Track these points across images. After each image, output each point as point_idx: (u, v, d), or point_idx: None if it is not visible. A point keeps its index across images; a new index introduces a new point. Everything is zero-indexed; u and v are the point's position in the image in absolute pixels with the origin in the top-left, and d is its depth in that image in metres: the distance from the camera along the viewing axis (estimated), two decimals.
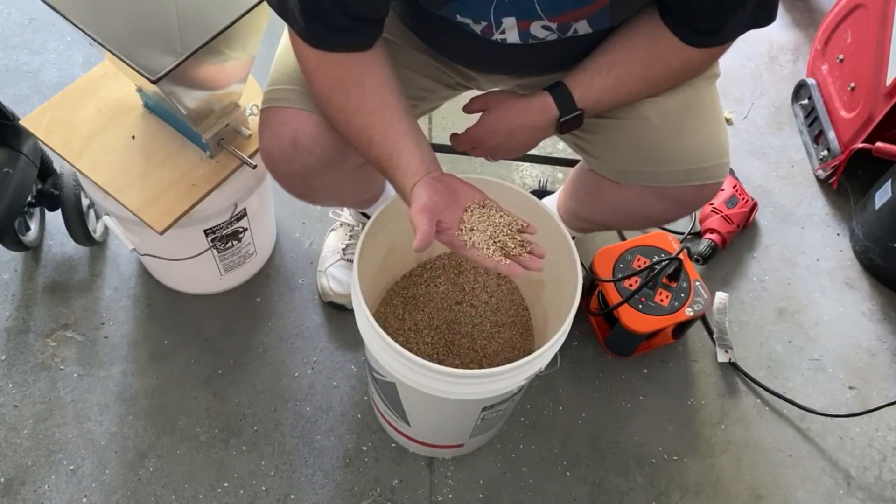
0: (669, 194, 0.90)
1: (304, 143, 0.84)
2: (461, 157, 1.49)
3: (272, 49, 0.89)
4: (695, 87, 0.88)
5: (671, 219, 0.98)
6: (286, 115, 0.84)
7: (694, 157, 0.87)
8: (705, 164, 0.87)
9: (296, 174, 0.87)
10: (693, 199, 0.91)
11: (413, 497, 1.13)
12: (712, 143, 0.88)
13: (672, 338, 1.28)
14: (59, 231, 1.29)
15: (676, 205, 0.92)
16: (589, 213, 1.05)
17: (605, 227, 1.10)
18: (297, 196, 0.94)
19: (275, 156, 0.86)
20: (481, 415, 0.96)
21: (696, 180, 0.88)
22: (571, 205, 1.11)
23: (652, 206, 0.93)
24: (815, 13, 1.82)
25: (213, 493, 1.11)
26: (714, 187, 0.90)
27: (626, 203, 0.95)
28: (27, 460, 1.12)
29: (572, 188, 1.10)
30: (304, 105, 0.84)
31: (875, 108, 1.40)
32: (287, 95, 0.85)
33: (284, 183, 0.91)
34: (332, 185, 0.91)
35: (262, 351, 1.24)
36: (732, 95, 1.67)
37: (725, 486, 1.18)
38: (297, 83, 0.85)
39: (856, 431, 1.24)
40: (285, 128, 0.84)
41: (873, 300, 1.40)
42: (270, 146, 0.86)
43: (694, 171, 0.87)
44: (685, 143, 0.86)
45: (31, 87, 1.51)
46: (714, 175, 0.88)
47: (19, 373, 1.19)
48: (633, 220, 1.01)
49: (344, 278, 1.25)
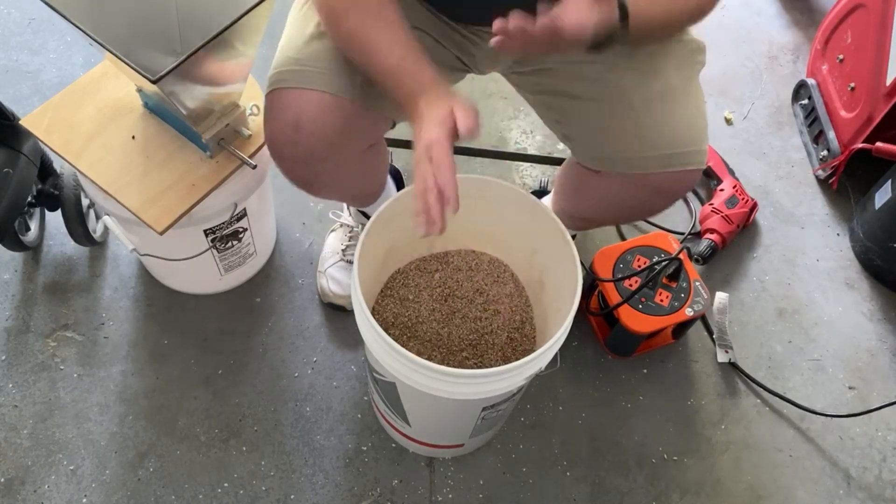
0: (648, 183, 0.91)
1: (307, 126, 0.84)
2: (461, 157, 1.49)
3: (272, 49, 0.89)
4: (679, 73, 0.89)
5: (653, 209, 0.98)
6: (289, 98, 0.85)
7: (672, 142, 0.88)
8: (683, 150, 0.88)
9: (300, 158, 0.87)
10: (671, 187, 0.92)
11: (413, 497, 1.13)
12: (691, 130, 0.89)
13: (672, 338, 1.28)
14: (59, 231, 1.29)
15: (655, 193, 0.93)
16: (577, 208, 1.07)
17: (594, 221, 1.12)
18: (300, 185, 0.94)
19: (279, 140, 0.87)
20: (481, 415, 0.96)
21: (674, 166, 0.89)
22: (561, 203, 1.13)
23: (632, 197, 0.94)
24: (815, 13, 1.82)
25: (213, 494, 1.11)
26: (692, 175, 0.91)
27: (608, 194, 0.96)
28: (27, 460, 1.12)
29: (560, 186, 1.11)
30: (306, 83, 0.84)
31: (875, 108, 1.40)
32: (289, 76, 0.85)
33: (289, 169, 0.91)
34: (335, 171, 0.90)
35: (262, 351, 1.24)
36: (732, 95, 1.67)
37: (725, 486, 1.18)
38: (299, 63, 0.85)
39: (856, 431, 1.24)
40: (288, 112, 0.85)
41: (873, 300, 1.40)
42: (274, 131, 0.87)
43: (673, 157, 0.88)
44: (664, 127, 0.88)
45: (31, 87, 1.51)
46: (692, 161, 0.89)
47: (19, 373, 1.19)
48: (617, 212, 1.02)
49: (343, 279, 1.25)
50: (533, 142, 1.54)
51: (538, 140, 1.55)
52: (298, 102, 0.84)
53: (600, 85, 0.89)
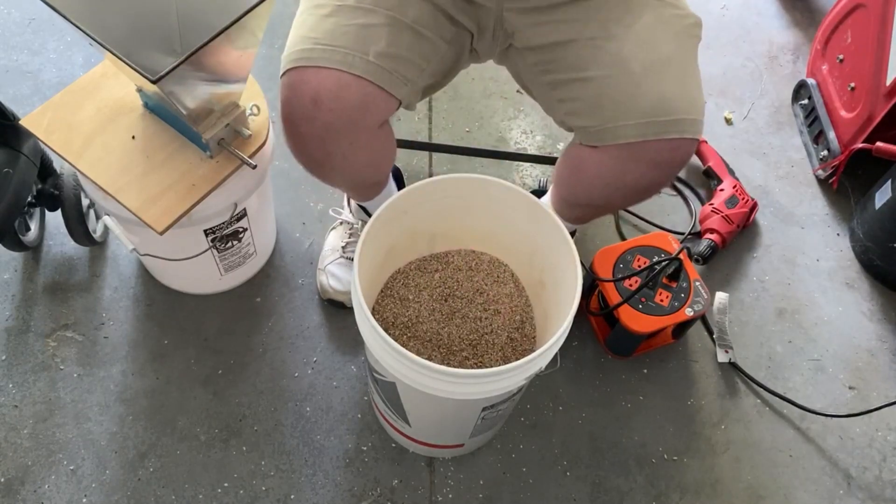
0: (645, 154, 0.91)
1: (325, 101, 0.85)
2: (461, 157, 1.49)
3: (272, 49, 0.89)
4: (678, 44, 0.90)
5: (649, 185, 0.98)
6: (307, 75, 0.86)
7: (671, 108, 0.89)
8: (680, 117, 0.89)
9: (316, 135, 0.88)
10: (668, 158, 0.92)
11: (413, 497, 1.13)
12: (688, 99, 0.90)
13: (672, 338, 1.28)
14: (59, 231, 1.29)
15: (652, 166, 0.93)
16: (574, 193, 1.07)
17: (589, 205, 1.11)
18: (312, 167, 0.95)
19: (296, 115, 0.88)
20: (481, 415, 0.97)
21: (671, 133, 0.89)
22: (560, 190, 1.13)
23: (629, 171, 0.94)
24: (815, 13, 1.82)
25: (213, 493, 1.11)
26: (688, 145, 0.91)
27: (604, 170, 0.96)
28: (27, 460, 1.12)
29: (557, 172, 1.12)
30: (324, 62, 0.85)
31: (875, 108, 1.40)
32: (306, 55, 0.86)
33: (303, 149, 0.92)
34: (349, 150, 0.91)
35: (262, 351, 1.24)
36: (732, 95, 1.67)
37: (725, 486, 1.18)
38: (316, 42, 0.86)
39: (856, 431, 1.24)
40: (306, 87, 0.86)
41: (873, 300, 1.40)
42: (291, 106, 0.87)
43: (670, 124, 0.89)
44: (664, 94, 0.89)
45: (31, 87, 1.51)
46: (688, 129, 0.90)
47: (19, 373, 1.19)
48: (613, 191, 1.01)
49: (343, 276, 1.25)
50: (533, 142, 1.54)
51: (538, 140, 1.55)
52: (318, 78, 0.85)
53: (601, 54, 0.90)
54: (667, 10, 0.91)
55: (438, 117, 1.55)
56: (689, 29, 0.93)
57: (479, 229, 1.08)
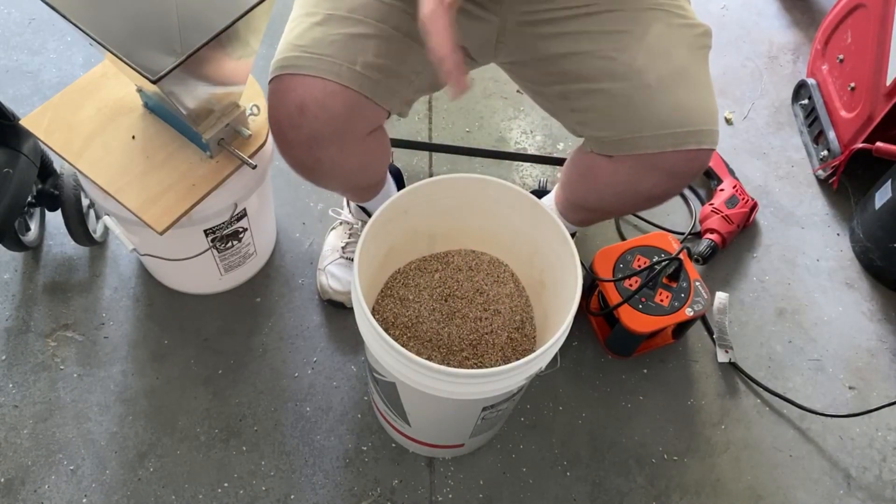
0: (661, 164, 0.91)
1: (312, 109, 0.85)
2: (461, 157, 1.49)
3: (272, 49, 0.89)
4: (690, 54, 0.90)
5: (662, 194, 0.98)
6: (293, 82, 0.86)
7: (688, 119, 0.88)
8: (698, 128, 0.89)
9: (303, 142, 0.88)
10: (684, 168, 0.92)
11: (413, 497, 1.13)
12: (704, 109, 0.90)
13: (672, 338, 1.28)
14: (59, 231, 1.29)
15: (668, 176, 0.93)
16: (582, 196, 1.06)
17: (598, 210, 1.11)
18: (303, 173, 0.95)
19: (282, 123, 0.87)
20: (481, 415, 0.97)
21: (689, 144, 0.89)
22: (566, 193, 1.12)
23: (644, 180, 0.94)
24: (815, 13, 1.82)
25: (213, 494, 1.11)
26: (704, 156, 0.91)
27: (618, 179, 0.96)
28: (27, 460, 1.12)
29: (565, 176, 1.11)
30: (310, 70, 0.85)
31: (875, 108, 1.40)
32: (294, 62, 0.86)
33: (292, 155, 0.91)
34: (338, 156, 0.91)
35: (262, 351, 1.24)
36: (732, 95, 1.67)
37: (725, 486, 1.18)
38: (304, 50, 0.86)
39: (856, 431, 1.24)
40: (292, 94, 0.85)
41: (873, 300, 1.40)
42: (278, 113, 0.87)
43: (689, 135, 0.89)
44: (680, 105, 0.88)
45: (31, 87, 1.51)
46: (705, 140, 0.89)
47: (19, 373, 1.19)
48: (625, 199, 1.01)
49: (343, 276, 1.25)
50: (533, 142, 1.54)
51: (538, 140, 1.55)
52: (304, 86, 0.85)
53: (615, 66, 0.90)
54: (676, 19, 0.91)
55: (438, 117, 1.55)
56: (699, 38, 0.92)
57: (479, 229, 1.08)
